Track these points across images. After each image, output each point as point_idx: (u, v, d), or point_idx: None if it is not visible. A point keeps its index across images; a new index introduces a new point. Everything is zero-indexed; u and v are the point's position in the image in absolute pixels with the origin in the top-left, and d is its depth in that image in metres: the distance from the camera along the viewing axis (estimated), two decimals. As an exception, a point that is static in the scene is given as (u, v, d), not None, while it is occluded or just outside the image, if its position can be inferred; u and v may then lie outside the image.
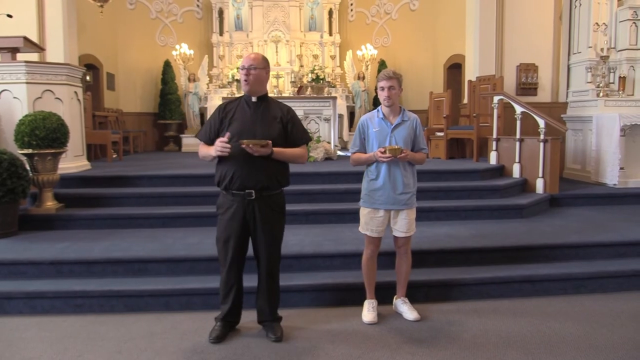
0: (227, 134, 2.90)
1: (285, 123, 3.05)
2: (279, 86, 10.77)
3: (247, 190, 2.96)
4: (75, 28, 7.65)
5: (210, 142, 3.06)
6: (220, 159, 3.03)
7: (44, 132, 4.57)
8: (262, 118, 3.01)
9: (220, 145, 2.88)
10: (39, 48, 6.22)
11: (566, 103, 7.83)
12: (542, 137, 5.84)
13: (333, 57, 11.34)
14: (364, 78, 11.13)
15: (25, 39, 5.47)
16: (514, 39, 7.84)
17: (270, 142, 2.88)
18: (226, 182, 2.99)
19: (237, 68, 10.03)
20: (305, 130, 3.18)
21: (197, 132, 10.89)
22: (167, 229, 4.66)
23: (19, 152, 4.63)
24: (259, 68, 3.01)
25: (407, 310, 3.42)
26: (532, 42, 7.85)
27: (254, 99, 3.06)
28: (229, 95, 9.45)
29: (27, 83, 5.18)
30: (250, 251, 3.14)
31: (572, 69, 7.80)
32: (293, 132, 3.07)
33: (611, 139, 6.47)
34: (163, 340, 3.09)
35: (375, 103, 10.72)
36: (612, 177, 6.47)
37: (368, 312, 3.39)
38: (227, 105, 3.11)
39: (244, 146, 2.84)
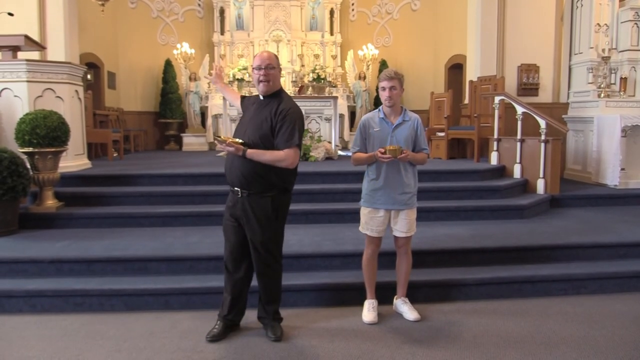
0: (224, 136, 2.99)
1: (274, 125, 2.95)
2: (280, 86, 10.76)
3: (235, 188, 3.01)
4: (76, 27, 7.65)
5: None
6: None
7: (44, 131, 4.56)
8: (257, 117, 3.00)
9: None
10: (40, 46, 6.21)
11: (567, 104, 7.83)
12: (543, 137, 5.83)
13: (334, 57, 11.33)
14: (365, 78, 11.13)
15: (27, 37, 5.46)
16: (515, 39, 7.84)
17: (229, 140, 2.87)
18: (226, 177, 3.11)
19: (239, 69, 10.12)
20: (293, 134, 2.93)
21: (197, 131, 11.00)
22: (167, 228, 4.66)
23: (19, 151, 4.63)
24: (276, 67, 3.03)
25: (407, 311, 3.41)
26: (533, 42, 7.85)
27: (261, 97, 3.07)
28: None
29: (28, 81, 5.18)
30: None
31: (574, 69, 7.79)
32: (278, 135, 2.93)
33: (612, 140, 6.47)
34: (163, 339, 3.09)
35: (377, 103, 10.72)
36: (612, 178, 6.46)
37: (368, 312, 3.39)
38: (249, 100, 3.22)
39: (216, 142, 2.91)
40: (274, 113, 2.96)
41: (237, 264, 3.10)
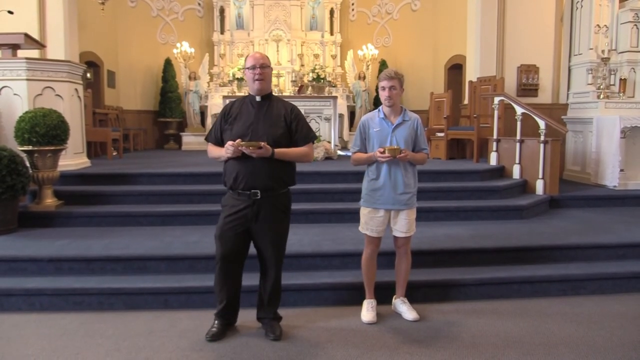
0: (239, 140, 2.87)
1: (290, 122, 3.02)
2: (279, 85, 10.76)
3: (252, 191, 2.95)
4: (76, 25, 7.64)
5: (216, 142, 3.09)
6: (227, 159, 3.04)
7: (44, 129, 4.56)
8: (266, 117, 3.00)
9: (231, 149, 2.87)
10: (40, 45, 6.21)
11: (567, 104, 7.84)
12: (542, 138, 5.84)
13: (334, 57, 11.33)
14: (364, 78, 11.14)
15: (26, 35, 5.46)
16: (515, 40, 7.85)
17: (264, 143, 2.85)
18: (231, 182, 3.00)
19: (238, 69, 10.10)
20: (310, 129, 3.12)
21: (196, 130, 10.98)
22: (166, 227, 4.66)
23: (19, 149, 4.62)
24: (269, 66, 3.05)
25: (406, 310, 3.42)
26: (533, 43, 7.86)
27: (258, 98, 3.05)
28: (230, 94, 9.45)
29: (27, 80, 5.18)
30: (251, 250, 3.13)
31: (573, 70, 7.80)
32: (297, 131, 3.04)
33: (611, 141, 6.47)
34: (162, 338, 3.09)
35: (376, 103, 10.73)
36: (612, 178, 6.46)
37: (367, 311, 3.39)
38: (232, 106, 3.12)
39: (241, 149, 2.83)
40: (286, 112, 3.03)
41: (232, 269, 3.09)
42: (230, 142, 2.90)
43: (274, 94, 3.23)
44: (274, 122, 2.99)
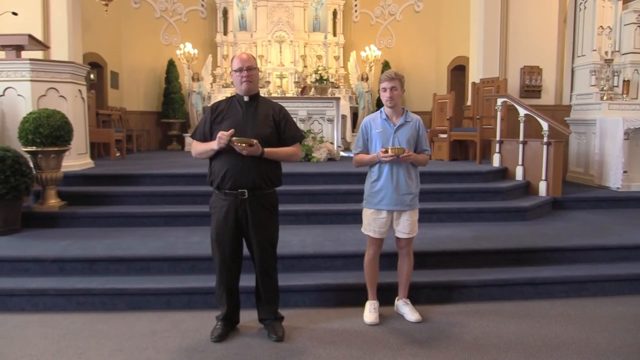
0: (232, 131, 2.85)
1: (278, 121, 3.03)
2: (282, 86, 10.79)
3: (239, 190, 2.94)
4: (79, 26, 7.68)
5: (203, 139, 3.03)
6: (213, 158, 3.01)
7: (47, 130, 4.58)
8: (254, 117, 3.00)
9: (224, 139, 2.82)
10: (43, 46, 6.23)
11: (570, 106, 7.83)
12: (545, 139, 5.82)
13: (337, 58, 11.35)
14: (367, 79, 11.15)
15: (30, 36, 5.48)
16: (518, 41, 7.84)
17: (256, 141, 2.84)
18: (218, 182, 2.97)
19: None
20: (298, 128, 3.15)
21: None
22: (169, 227, 4.67)
23: (22, 150, 4.64)
24: (255, 67, 3.06)
25: (408, 312, 3.42)
26: (536, 44, 7.85)
27: (246, 98, 3.05)
28: (232, 95, 9.47)
29: (31, 81, 5.19)
30: (246, 251, 3.14)
31: (576, 72, 7.78)
32: (286, 130, 3.05)
33: (615, 143, 6.46)
34: (164, 339, 3.10)
35: (379, 104, 10.73)
36: (615, 180, 6.45)
37: (369, 312, 3.39)
38: (219, 105, 3.10)
39: (232, 144, 2.82)
40: (274, 112, 3.04)
41: (231, 270, 3.09)
42: (222, 132, 2.84)
43: (275, 95, 3.24)
44: (262, 122, 2.99)
